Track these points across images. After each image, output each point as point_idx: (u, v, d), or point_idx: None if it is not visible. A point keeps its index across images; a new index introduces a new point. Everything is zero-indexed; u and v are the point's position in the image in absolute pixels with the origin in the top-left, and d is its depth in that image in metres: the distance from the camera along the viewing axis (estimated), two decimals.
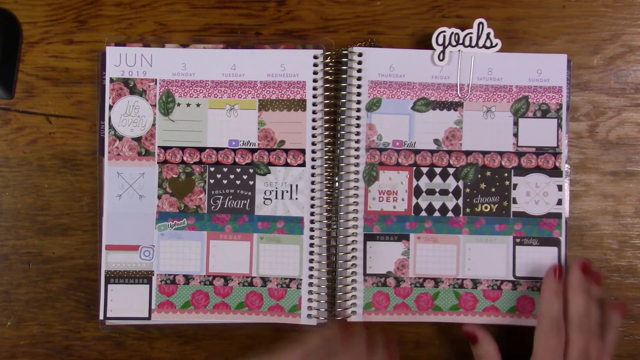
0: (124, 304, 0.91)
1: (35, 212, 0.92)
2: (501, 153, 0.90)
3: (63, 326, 0.93)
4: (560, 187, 0.90)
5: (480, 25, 0.89)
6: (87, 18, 0.92)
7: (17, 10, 0.92)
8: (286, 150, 0.90)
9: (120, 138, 0.90)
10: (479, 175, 0.90)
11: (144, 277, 0.90)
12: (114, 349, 0.93)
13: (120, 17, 0.92)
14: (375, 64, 0.90)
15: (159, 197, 0.90)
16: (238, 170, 0.90)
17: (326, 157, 0.90)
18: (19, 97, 0.92)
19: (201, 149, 0.90)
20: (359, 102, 0.90)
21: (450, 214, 0.91)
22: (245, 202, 0.90)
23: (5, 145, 0.92)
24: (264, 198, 0.90)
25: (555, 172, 0.90)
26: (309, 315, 0.90)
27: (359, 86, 0.90)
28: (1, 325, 0.93)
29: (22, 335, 0.93)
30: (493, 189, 0.90)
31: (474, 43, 0.89)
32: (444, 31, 0.89)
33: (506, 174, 0.90)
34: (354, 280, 0.90)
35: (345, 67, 0.91)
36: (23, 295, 0.93)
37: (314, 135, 0.90)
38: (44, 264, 0.92)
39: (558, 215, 0.90)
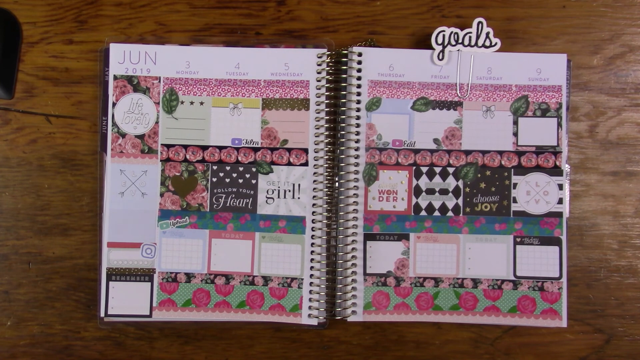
0: (125, 301, 0.90)
1: (35, 212, 0.92)
2: (501, 152, 0.91)
3: (63, 326, 0.92)
4: (560, 186, 0.90)
5: (480, 25, 0.89)
6: (87, 18, 0.92)
7: (17, 10, 0.92)
8: (289, 150, 0.90)
9: (124, 135, 0.90)
10: (479, 175, 0.91)
11: (145, 275, 0.90)
12: (114, 349, 0.93)
13: (120, 17, 0.92)
14: (375, 63, 0.90)
15: (162, 194, 0.90)
16: (241, 168, 0.90)
17: (327, 157, 0.91)
18: (19, 97, 0.92)
19: (204, 147, 0.90)
20: (358, 102, 0.90)
21: (450, 213, 0.91)
22: (248, 200, 0.90)
23: (5, 145, 0.92)
24: (267, 197, 0.90)
25: (556, 171, 0.90)
26: (310, 315, 0.90)
27: (358, 86, 0.90)
28: (1, 325, 0.92)
29: (22, 335, 0.92)
30: (493, 188, 0.91)
31: (473, 42, 0.90)
32: (443, 31, 0.90)
33: (506, 173, 0.91)
34: (354, 280, 0.90)
35: (345, 67, 0.91)
36: (23, 295, 0.92)
37: (316, 135, 0.90)
38: (44, 264, 0.92)
39: (559, 215, 0.90)
